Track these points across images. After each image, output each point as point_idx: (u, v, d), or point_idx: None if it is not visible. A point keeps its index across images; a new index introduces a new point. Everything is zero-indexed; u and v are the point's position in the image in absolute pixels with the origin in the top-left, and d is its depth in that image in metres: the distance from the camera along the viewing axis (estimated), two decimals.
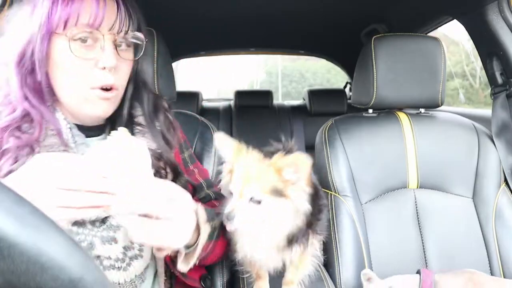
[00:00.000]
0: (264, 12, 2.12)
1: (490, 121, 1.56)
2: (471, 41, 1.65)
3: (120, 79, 0.92)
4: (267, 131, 3.28)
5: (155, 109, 1.05)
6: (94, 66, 0.86)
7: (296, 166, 0.90)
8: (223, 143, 0.99)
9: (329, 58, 3.73)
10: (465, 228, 1.43)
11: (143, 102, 1.03)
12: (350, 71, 3.52)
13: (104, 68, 0.86)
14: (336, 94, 3.58)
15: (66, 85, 0.87)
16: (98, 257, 0.86)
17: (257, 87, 14.52)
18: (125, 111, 1.00)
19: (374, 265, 1.39)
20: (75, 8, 0.81)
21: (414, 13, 2.02)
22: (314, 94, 3.51)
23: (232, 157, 0.97)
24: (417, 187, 1.50)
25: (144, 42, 0.95)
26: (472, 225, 1.44)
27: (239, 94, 3.65)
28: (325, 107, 3.37)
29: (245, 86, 15.15)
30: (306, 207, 0.93)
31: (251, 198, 0.90)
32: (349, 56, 2.69)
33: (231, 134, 1.16)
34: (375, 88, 1.50)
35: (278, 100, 7.84)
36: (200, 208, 0.90)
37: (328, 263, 1.39)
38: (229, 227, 0.89)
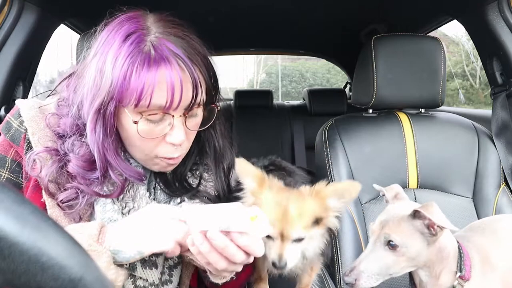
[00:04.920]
0: (264, 12, 2.12)
1: (490, 121, 1.56)
2: (471, 41, 1.65)
3: (186, 147, 0.88)
4: (267, 131, 3.28)
5: (219, 161, 1.00)
6: (161, 140, 0.82)
7: (345, 194, 0.89)
8: (245, 170, 0.93)
9: (329, 58, 3.73)
10: None
11: (215, 156, 0.98)
12: (350, 71, 3.52)
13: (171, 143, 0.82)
14: (336, 94, 3.57)
15: (133, 150, 0.85)
16: (134, 275, 0.86)
17: (257, 87, 14.53)
18: (188, 167, 0.97)
19: None
20: (149, 86, 0.73)
21: (414, 13, 2.02)
22: (314, 94, 3.51)
23: (255, 189, 0.92)
24: (417, 187, 1.50)
25: (216, 112, 0.89)
26: None
27: (239, 94, 3.65)
28: (325, 107, 3.37)
29: (245, 86, 15.14)
30: (336, 225, 0.94)
31: (295, 240, 0.86)
32: (349, 56, 2.69)
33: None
34: (375, 88, 1.50)
35: (278, 100, 7.85)
36: None
37: (328, 263, 1.39)
38: (277, 272, 0.88)
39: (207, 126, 0.89)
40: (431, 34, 2.14)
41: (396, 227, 0.91)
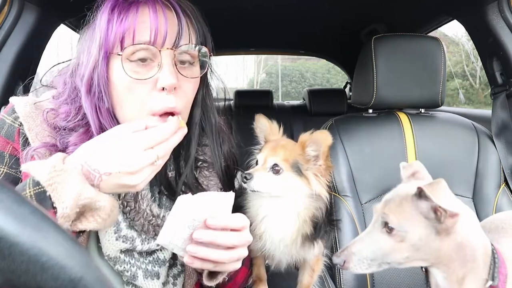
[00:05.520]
0: (264, 12, 2.12)
1: (490, 121, 1.56)
2: (471, 41, 1.65)
3: (183, 100, 0.82)
4: None
5: (220, 139, 0.98)
6: (153, 88, 0.78)
7: (316, 142, 0.97)
8: (261, 123, 1.09)
9: (329, 58, 3.73)
10: None
11: (212, 129, 0.96)
12: (350, 71, 3.52)
13: (163, 89, 0.78)
14: (336, 94, 3.57)
15: (126, 111, 0.81)
16: (135, 285, 0.85)
17: (257, 87, 14.53)
18: (194, 141, 0.92)
19: None
20: (130, 24, 0.76)
21: (414, 13, 2.02)
22: (314, 94, 3.51)
23: (265, 136, 1.07)
24: None
25: (209, 57, 0.86)
26: None
27: (239, 94, 3.65)
28: (325, 107, 3.37)
29: (245, 86, 15.16)
30: (324, 194, 0.97)
31: (272, 166, 0.96)
32: (349, 56, 2.69)
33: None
34: (375, 88, 1.50)
35: (278, 100, 7.85)
36: None
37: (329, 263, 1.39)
38: (246, 186, 0.94)
39: (204, 71, 0.87)
40: (431, 34, 2.14)
41: (396, 207, 0.79)
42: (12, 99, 0.86)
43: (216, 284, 0.86)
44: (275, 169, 0.95)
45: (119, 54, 0.77)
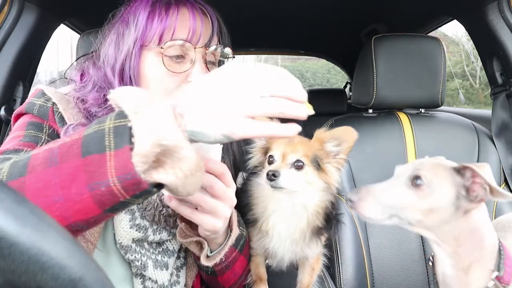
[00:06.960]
0: (264, 12, 2.12)
1: (490, 121, 1.56)
2: (471, 41, 1.65)
3: None
4: None
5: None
6: (182, 82, 0.86)
7: (341, 138, 0.95)
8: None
9: (329, 58, 3.73)
10: None
11: None
12: (350, 71, 3.52)
13: None
14: (336, 94, 3.57)
15: None
16: (143, 276, 0.87)
17: None
18: None
19: (374, 266, 1.39)
20: (171, 22, 0.85)
21: (414, 13, 2.02)
22: (314, 94, 3.50)
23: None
24: None
25: (232, 58, 0.97)
26: None
27: None
28: (325, 107, 3.36)
29: None
30: (336, 185, 0.97)
31: (294, 162, 0.93)
32: (349, 56, 2.69)
33: None
34: (375, 88, 1.50)
35: None
36: (234, 212, 0.88)
37: (328, 263, 1.39)
38: (274, 184, 0.89)
39: None
40: (431, 34, 2.14)
41: (431, 167, 0.79)
42: (39, 86, 0.90)
43: (215, 273, 0.89)
44: (298, 165, 0.94)
45: (161, 47, 0.84)
